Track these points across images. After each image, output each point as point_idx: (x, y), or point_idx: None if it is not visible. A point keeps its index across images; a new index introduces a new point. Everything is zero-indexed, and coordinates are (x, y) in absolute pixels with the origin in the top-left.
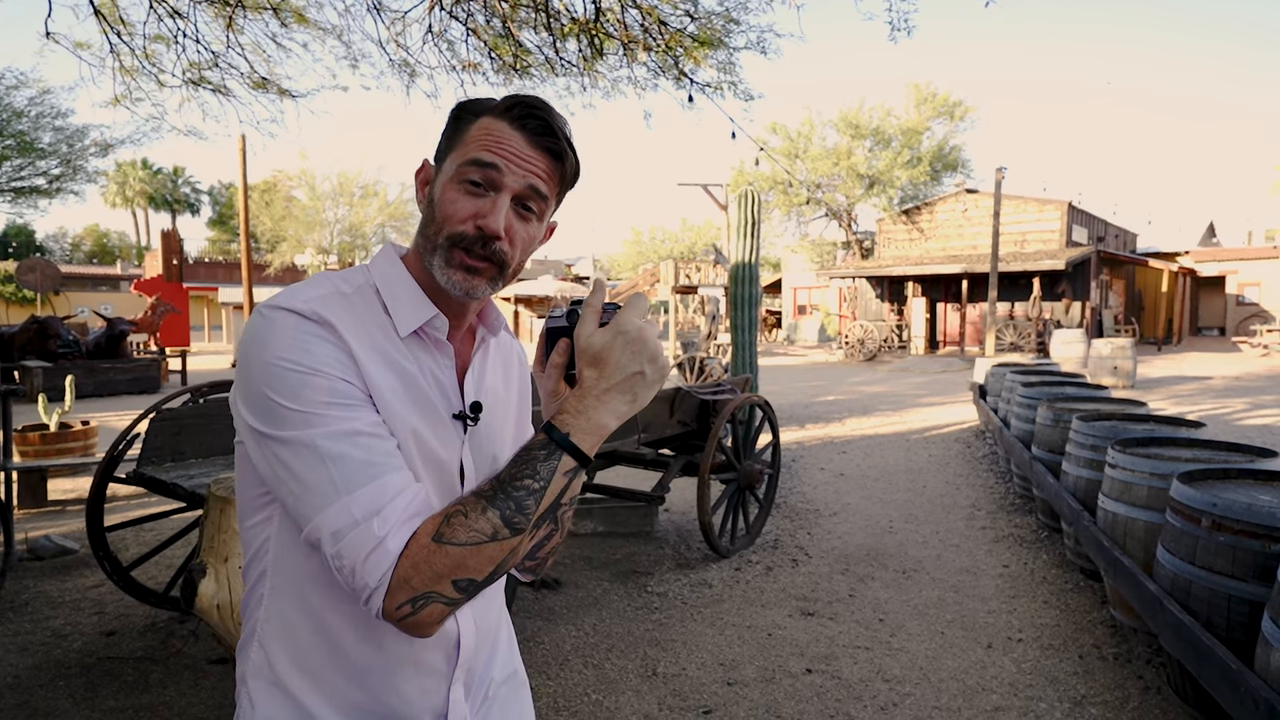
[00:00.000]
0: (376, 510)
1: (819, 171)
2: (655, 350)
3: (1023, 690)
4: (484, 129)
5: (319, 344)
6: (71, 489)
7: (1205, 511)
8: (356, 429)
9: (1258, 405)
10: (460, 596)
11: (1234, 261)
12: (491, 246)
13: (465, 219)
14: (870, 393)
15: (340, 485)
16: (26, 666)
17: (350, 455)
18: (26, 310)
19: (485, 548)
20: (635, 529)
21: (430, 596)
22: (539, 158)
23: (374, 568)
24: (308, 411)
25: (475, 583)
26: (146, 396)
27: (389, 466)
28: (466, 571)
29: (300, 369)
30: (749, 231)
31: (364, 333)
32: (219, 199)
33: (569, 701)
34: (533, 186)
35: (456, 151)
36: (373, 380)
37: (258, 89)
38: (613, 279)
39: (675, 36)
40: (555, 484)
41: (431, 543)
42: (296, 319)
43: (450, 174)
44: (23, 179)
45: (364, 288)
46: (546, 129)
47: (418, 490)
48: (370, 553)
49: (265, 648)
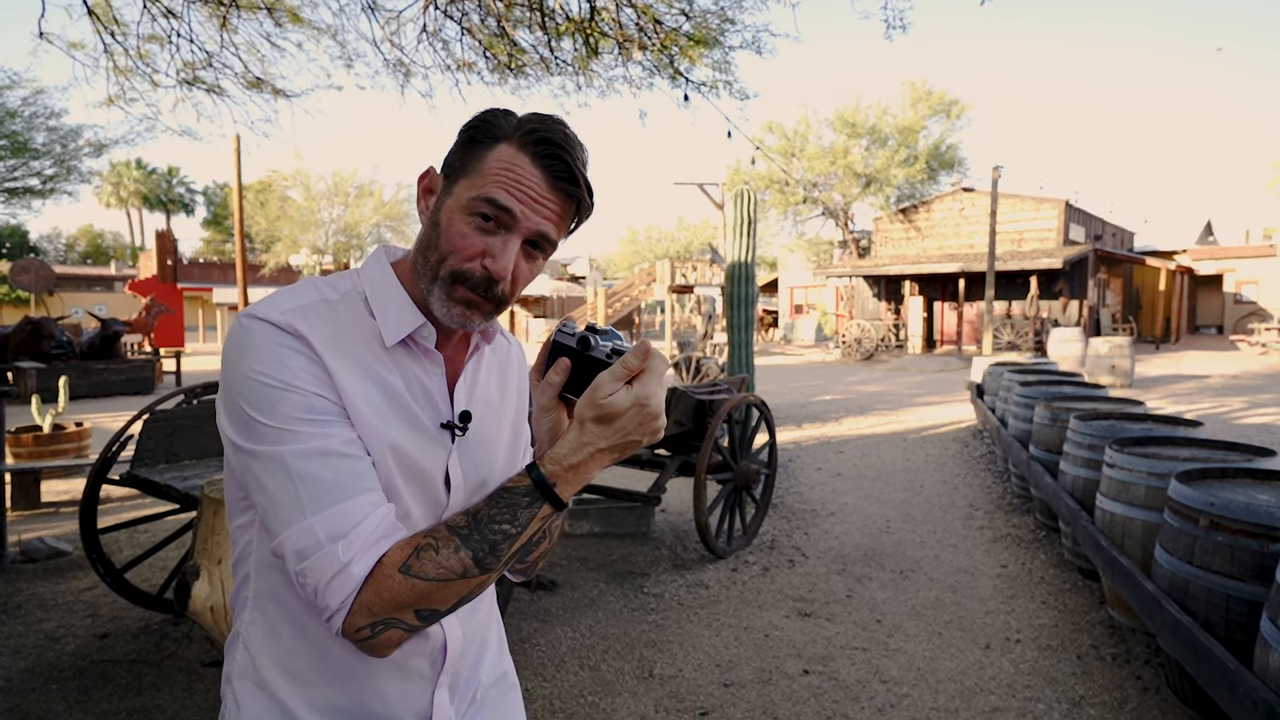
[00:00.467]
0: (342, 534)
1: (815, 170)
2: (660, 425)
3: (1021, 691)
4: (504, 162)
5: (293, 357)
6: (65, 491)
7: (1203, 511)
8: (328, 448)
9: (1256, 404)
10: (421, 624)
11: (1231, 260)
12: (496, 289)
13: (473, 257)
14: (867, 392)
15: (307, 505)
16: (19, 669)
17: (319, 475)
18: (20, 311)
19: (452, 584)
20: (631, 529)
21: (390, 623)
22: (556, 200)
23: (336, 591)
24: (280, 428)
25: (438, 613)
26: (141, 397)
27: (357, 489)
28: (430, 603)
29: (275, 383)
30: (745, 231)
31: (343, 343)
32: (213, 199)
33: (565, 703)
34: (544, 232)
35: (471, 179)
36: (348, 393)
37: (252, 89)
38: (609, 278)
39: (670, 35)
40: (531, 529)
41: (398, 573)
42: (271, 330)
43: (462, 203)
44: (16, 179)
45: (351, 294)
46: (568, 175)
47: (385, 513)
48: (334, 576)
49: (250, 649)
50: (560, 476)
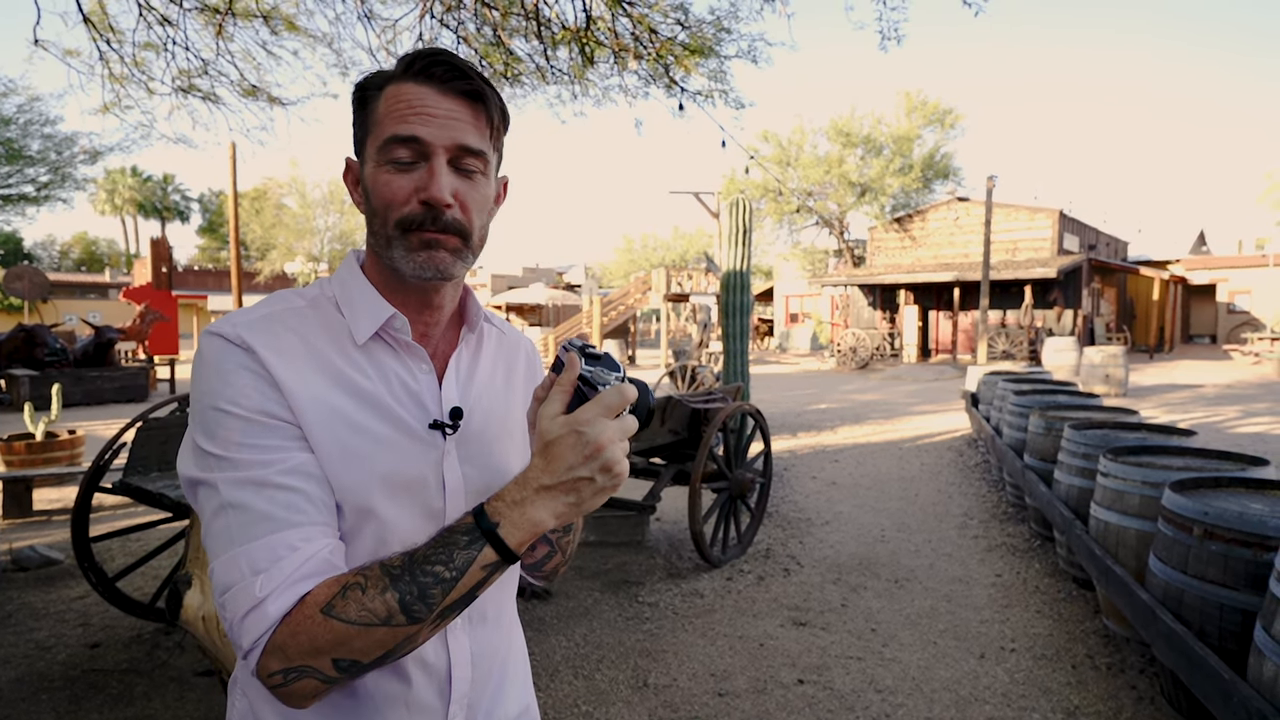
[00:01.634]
0: (264, 568)
1: (810, 179)
2: (611, 459)
3: (1016, 700)
4: (391, 98)
5: (239, 375)
6: (57, 499)
7: (1197, 520)
8: (264, 478)
9: (1249, 413)
10: (339, 676)
11: (1225, 270)
12: (444, 219)
13: (406, 199)
14: (862, 401)
15: (234, 536)
16: (9, 679)
17: (250, 506)
18: (14, 318)
19: (374, 631)
20: (626, 538)
21: (305, 671)
22: (459, 106)
23: (250, 629)
24: (220, 455)
25: (360, 664)
26: (134, 405)
27: (289, 521)
28: (350, 652)
29: (218, 407)
30: (740, 239)
31: (305, 352)
32: (209, 206)
33: (559, 713)
34: (462, 141)
35: (372, 134)
36: (306, 407)
37: (248, 96)
38: (604, 287)
39: (666, 45)
40: (470, 577)
41: (319, 613)
42: (221, 345)
43: (374, 158)
44: (11, 186)
45: (320, 299)
46: (456, 73)
47: (316, 549)
48: (248, 612)
49: (248, 694)
50: (504, 515)
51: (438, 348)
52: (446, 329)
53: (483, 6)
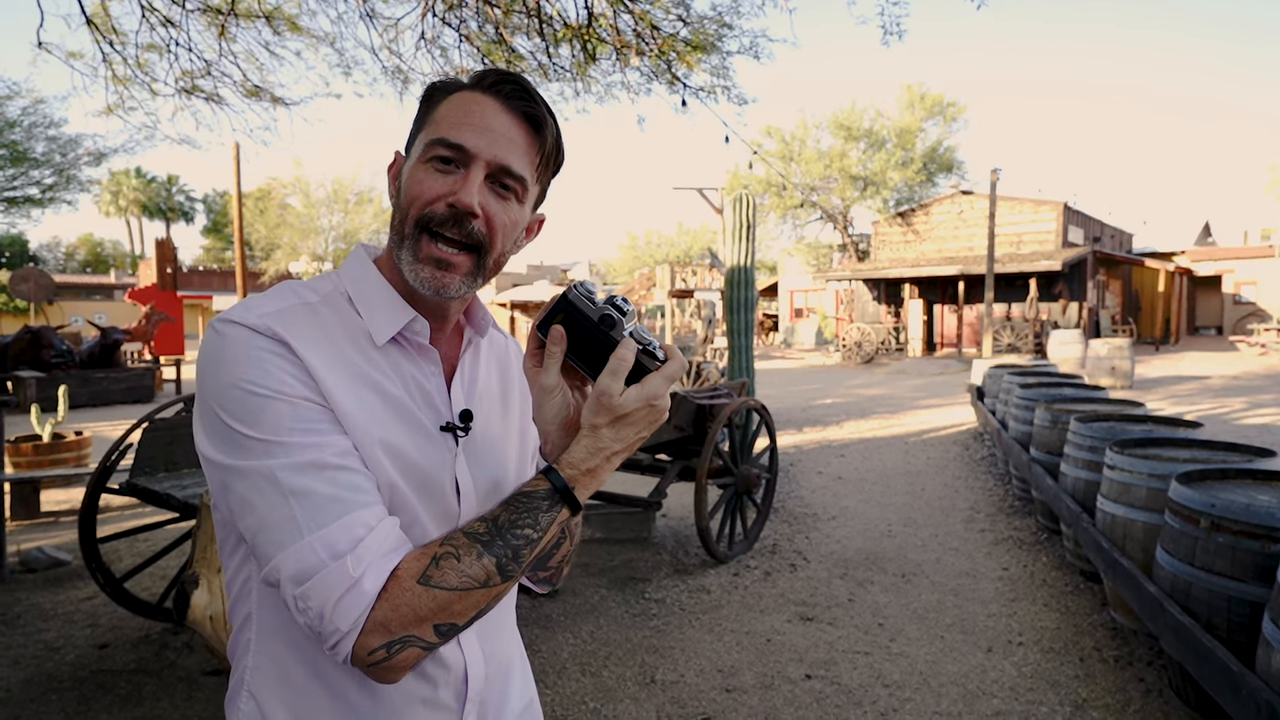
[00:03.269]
0: (348, 549)
1: (813, 174)
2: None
3: (1023, 694)
4: (454, 104)
5: (275, 361)
6: (65, 500)
7: (1204, 512)
8: (322, 460)
9: (1256, 404)
10: (439, 641)
11: (1230, 261)
12: (467, 226)
13: (435, 197)
14: (868, 395)
15: (305, 523)
16: (19, 680)
17: (315, 490)
18: (20, 320)
19: (474, 593)
20: (632, 535)
21: (409, 640)
22: (514, 126)
23: (348, 610)
24: (268, 440)
25: (456, 626)
26: (140, 406)
27: (358, 502)
28: (450, 616)
29: (259, 392)
30: (744, 235)
31: (329, 347)
32: (213, 207)
33: (567, 710)
34: (507, 161)
35: (425, 131)
36: (339, 400)
37: (251, 97)
38: (608, 283)
39: (668, 41)
40: (551, 533)
41: (416, 584)
42: (249, 334)
43: (418, 154)
44: (16, 189)
45: (332, 295)
46: (522, 94)
47: (391, 525)
48: (344, 594)
49: (257, 697)
50: (578, 481)
51: (443, 351)
52: (450, 332)
53: (484, 4)
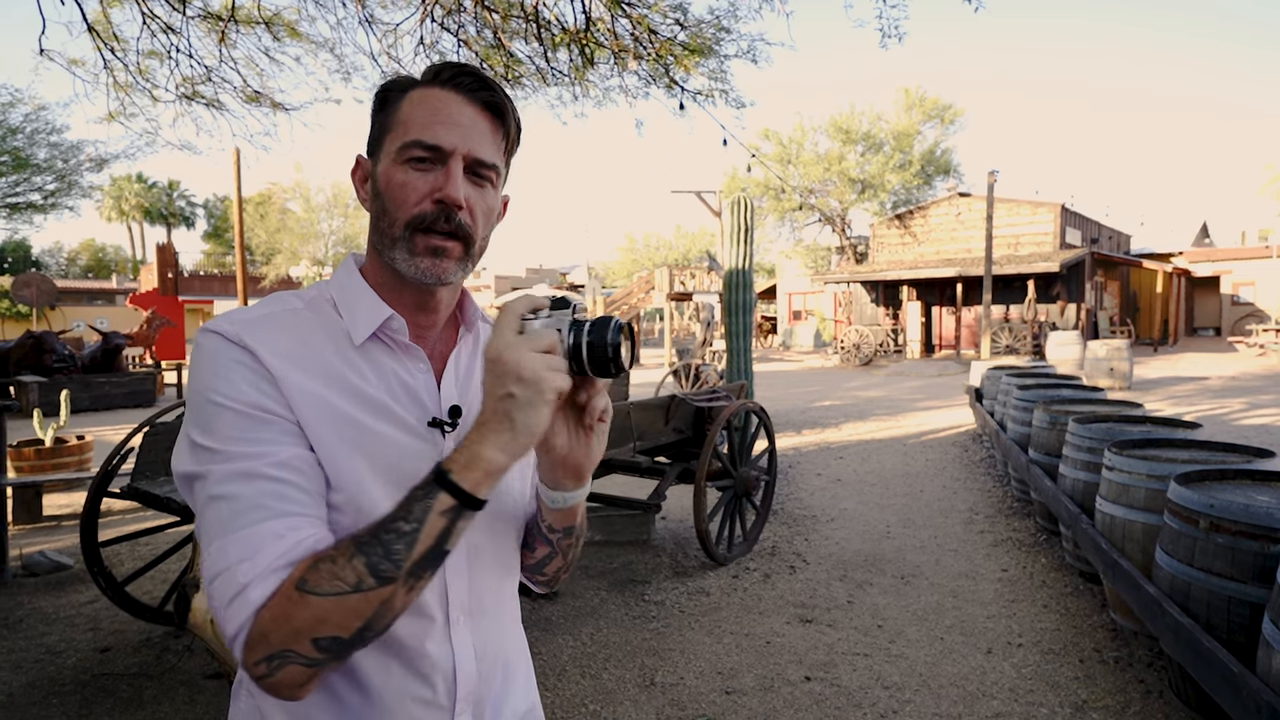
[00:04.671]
0: (248, 556)
1: (811, 177)
2: (519, 369)
3: (1023, 695)
4: (417, 102)
5: (237, 370)
6: (66, 504)
7: (1203, 513)
8: (254, 470)
9: (1255, 405)
10: (323, 657)
11: (1228, 261)
12: (455, 220)
13: (421, 198)
14: (866, 397)
15: (223, 526)
16: (20, 684)
17: (240, 495)
18: (22, 325)
19: (348, 599)
20: (632, 537)
21: (288, 655)
22: (480, 118)
23: (233, 617)
24: (214, 448)
25: (341, 641)
26: (142, 410)
27: (279, 511)
28: (329, 628)
29: (216, 400)
30: (742, 238)
31: (304, 350)
32: (214, 212)
33: (566, 713)
34: (481, 153)
35: (393, 133)
36: (303, 405)
37: (251, 103)
38: (607, 286)
39: (666, 45)
40: (431, 525)
41: (295, 590)
42: (219, 343)
43: (391, 157)
44: (18, 195)
45: (317, 300)
46: (481, 84)
47: (304, 538)
48: (232, 600)
49: (254, 694)
50: (454, 459)
51: (435, 348)
52: (444, 329)
53: (483, 9)
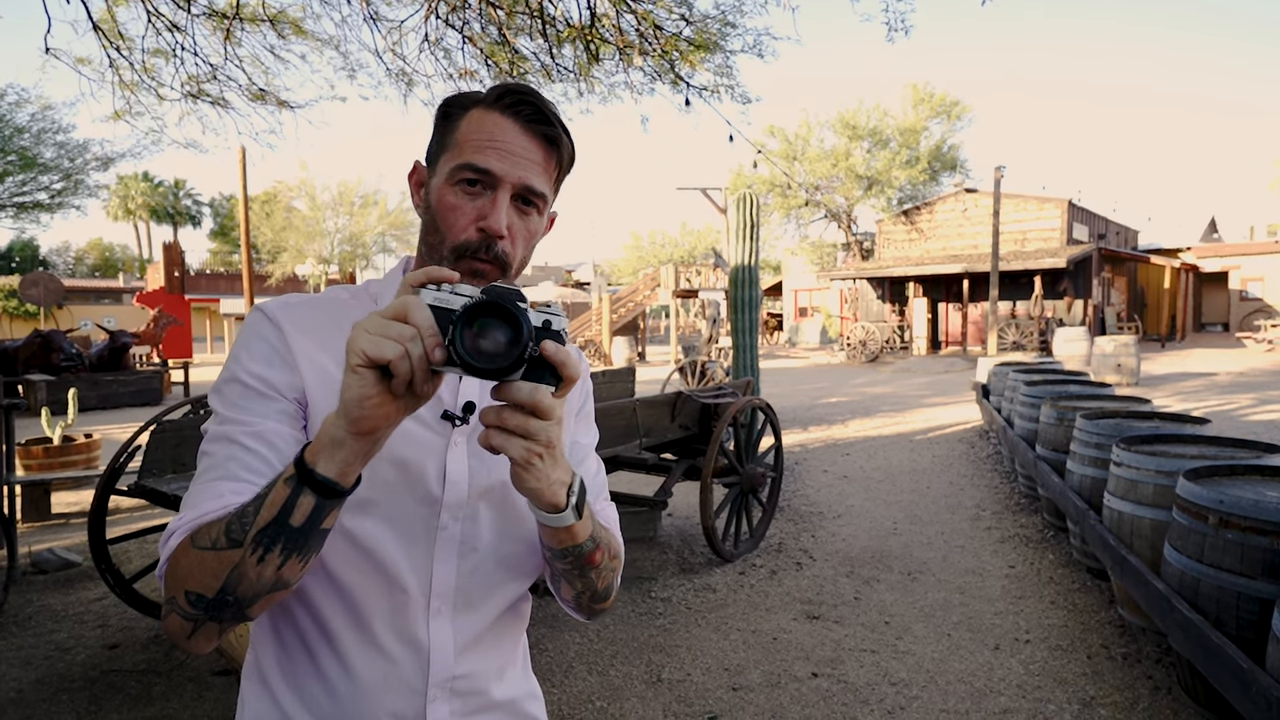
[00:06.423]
0: (190, 506)
1: (817, 173)
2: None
3: (1031, 692)
4: (475, 123)
5: (259, 344)
6: (75, 502)
7: (1212, 509)
8: (232, 435)
9: (1264, 400)
10: (194, 612)
11: (1236, 257)
12: (495, 248)
13: (468, 224)
14: (873, 394)
15: (195, 479)
16: (30, 680)
17: (214, 454)
18: (30, 324)
19: (205, 556)
20: (638, 534)
21: (173, 603)
22: (534, 147)
23: (161, 556)
24: (217, 410)
25: (205, 600)
26: (149, 408)
27: (231, 474)
28: (194, 584)
29: (232, 369)
30: (748, 234)
31: (331, 332)
32: (220, 211)
33: (573, 709)
34: (530, 182)
35: (449, 151)
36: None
37: (256, 101)
38: (613, 284)
39: (671, 41)
40: (275, 493)
41: (189, 543)
42: (258, 317)
43: (445, 175)
44: (25, 194)
45: (361, 293)
46: (540, 116)
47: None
48: (163, 544)
49: (256, 648)
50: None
51: None
52: None
53: (487, 6)
